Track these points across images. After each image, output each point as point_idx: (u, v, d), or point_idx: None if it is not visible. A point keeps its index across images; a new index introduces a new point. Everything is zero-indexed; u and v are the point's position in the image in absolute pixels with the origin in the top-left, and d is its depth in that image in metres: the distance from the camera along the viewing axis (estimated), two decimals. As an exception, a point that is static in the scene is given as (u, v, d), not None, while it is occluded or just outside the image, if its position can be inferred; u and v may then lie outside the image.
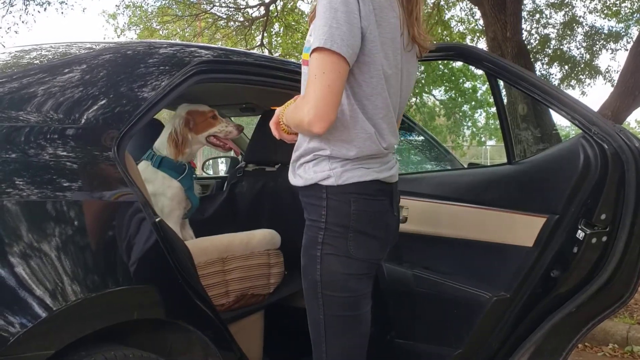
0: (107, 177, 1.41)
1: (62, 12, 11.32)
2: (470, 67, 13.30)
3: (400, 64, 1.45)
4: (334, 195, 1.39)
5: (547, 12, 9.92)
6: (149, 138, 2.36)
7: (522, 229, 1.76)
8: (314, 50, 1.28)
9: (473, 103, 18.85)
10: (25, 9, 8.84)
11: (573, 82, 10.30)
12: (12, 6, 8.56)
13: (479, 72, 14.33)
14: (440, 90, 17.82)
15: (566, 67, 10.02)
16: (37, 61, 1.67)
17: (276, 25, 11.21)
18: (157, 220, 1.45)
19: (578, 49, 10.06)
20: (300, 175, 1.44)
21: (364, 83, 1.37)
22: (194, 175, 2.39)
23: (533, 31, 9.85)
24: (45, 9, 9.06)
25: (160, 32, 10.96)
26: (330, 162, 1.39)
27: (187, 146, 2.27)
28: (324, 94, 1.26)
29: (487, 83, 2.27)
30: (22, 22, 9.35)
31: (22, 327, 1.13)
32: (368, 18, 1.34)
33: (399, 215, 1.59)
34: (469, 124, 20.88)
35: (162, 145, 2.28)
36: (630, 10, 9.51)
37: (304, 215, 1.48)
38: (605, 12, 9.68)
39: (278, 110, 1.50)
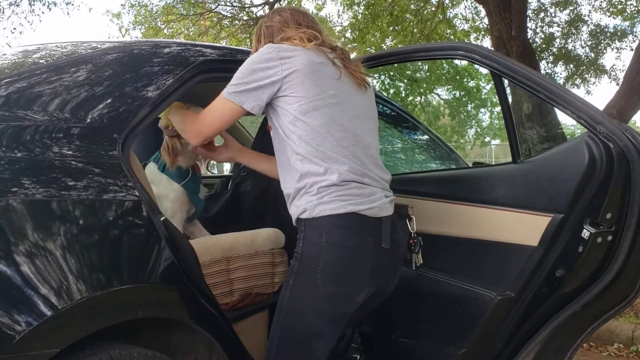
0: (112, 176, 1.41)
1: (67, 13, 11.33)
2: (475, 66, 13.28)
3: None
4: (308, 228, 1.48)
5: (552, 10, 9.89)
6: (154, 138, 2.36)
7: (527, 228, 1.75)
8: None
9: (477, 102, 18.83)
10: (32, 9, 8.85)
11: (578, 81, 10.26)
12: (17, 6, 8.57)
13: (483, 70, 14.30)
14: (443, 90, 17.81)
15: (571, 65, 9.98)
16: (43, 61, 1.68)
17: (280, 24, 11.18)
18: (161, 219, 1.45)
19: (583, 47, 10.03)
20: (291, 211, 1.57)
21: None
22: (200, 179, 2.39)
23: (538, 30, 9.82)
24: (50, 9, 9.06)
25: (165, 32, 10.97)
26: (307, 195, 1.49)
27: (179, 154, 2.23)
28: None
29: (492, 82, 2.26)
30: (28, 22, 9.38)
31: (28, 325, 1.13)
32: None
33: (397, 245, 1.61)
34: (474, 123, 20.85)
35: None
36: (636, 9, 9.46)
37: None
38: (610, 10, 9.64)
39: None
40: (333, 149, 1.50)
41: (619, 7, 9.51)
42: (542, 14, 9.80)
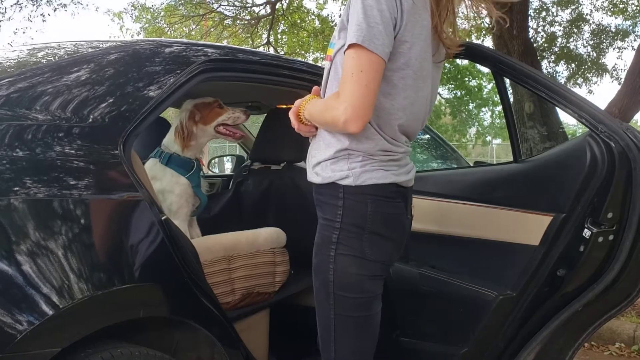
0: (114, 176, 1.41)
1: (71, 13, 11.30)
2: (476, 65, 13.26)
3: None
4: (350, 196, 1.39)
5: (553, 9, 9.89)
6: (156, 136, 2.37)
7: (528, 227, 1.75)
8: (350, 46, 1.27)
9: (478, 101, 18.83)
10: (35, 10, 8.84)
11: (580, 80, 10.26)
12: (23, 9, 8.57)
13: (485, 70, 14.28)
14: (445, 89, 17.80)
15: (573, 65, 9.98)
16: (45, 60, 1.68)
17: (282, 24, 11.21)
18: (163, 218, 1.46)
19: (585, 47, 10.03)
20: (317, 172, 1.45)
21: None
22: (202, 173, 2.41)
23: (539, 29, 9.81)
24: (54, 11, 9.04)
25: (168, 32, 10.97)
26: (349, 161, 1.39)
27: (193, 139, 2.30)
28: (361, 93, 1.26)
29: (493, 81, 2.26)
30: (30, 21, 9.38)
31: (29, 324, 1.13)
32: None
33: (411, 217, 1.61)
34: (475, 122, 20.85)
35: (170, 142, 2.30)
36: (638, 8, 9.45)
37: (318, 213, 1.48)
38: (612, 9, 9.63)
39: (298, 102, 1.51)
40: None
41: (621, 6, 9.50)
42: (543, 13, 9.79)
